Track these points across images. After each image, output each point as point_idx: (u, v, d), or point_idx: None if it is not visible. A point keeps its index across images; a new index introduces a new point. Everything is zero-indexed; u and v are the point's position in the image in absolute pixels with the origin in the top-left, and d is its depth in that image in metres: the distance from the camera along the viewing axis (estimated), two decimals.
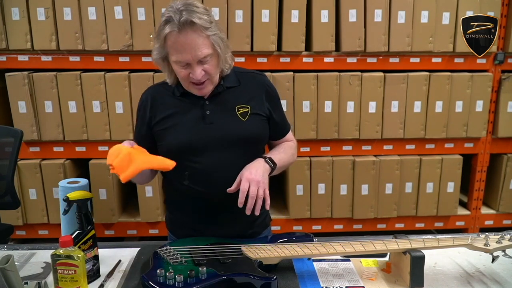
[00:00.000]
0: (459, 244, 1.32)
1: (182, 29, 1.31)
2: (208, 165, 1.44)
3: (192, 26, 1.32)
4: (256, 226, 1.60)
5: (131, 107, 2.64)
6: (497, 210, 3.00)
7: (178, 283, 1.17)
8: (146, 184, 2.70)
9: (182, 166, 1.43)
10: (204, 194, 1.47)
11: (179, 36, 1.32)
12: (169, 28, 1.32)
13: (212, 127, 1.45)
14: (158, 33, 1.37)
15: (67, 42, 2.56)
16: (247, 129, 1.46)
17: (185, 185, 1.48)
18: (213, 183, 1.45)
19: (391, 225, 2.94)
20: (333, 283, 1.30)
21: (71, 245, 1.15)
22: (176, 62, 1.37)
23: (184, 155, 1.45)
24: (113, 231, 2.84)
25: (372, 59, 2.72)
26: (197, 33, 1.33)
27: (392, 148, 2.84)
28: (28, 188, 2.68)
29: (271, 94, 1.55)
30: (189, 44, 1.33)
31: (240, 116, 1.47)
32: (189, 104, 1.47)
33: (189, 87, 1.44)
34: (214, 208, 1.50)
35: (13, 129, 2.33)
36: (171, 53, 1.37)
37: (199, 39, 1.34)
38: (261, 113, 1.51)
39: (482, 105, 2.79)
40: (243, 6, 2.56)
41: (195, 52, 1.34)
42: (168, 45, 1.36)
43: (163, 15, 1.35)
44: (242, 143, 1.47)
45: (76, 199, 1.27)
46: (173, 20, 1.31)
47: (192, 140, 1.44)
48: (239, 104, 1.48)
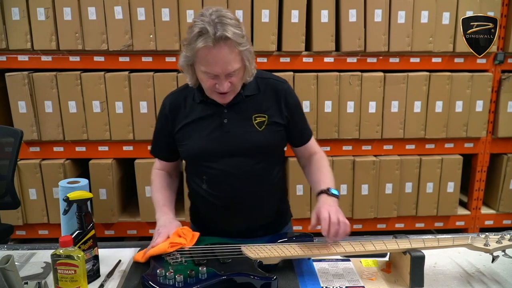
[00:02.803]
0: (459, 244, 1.32)
1: (216, 44, 1.29)
2: (224, 171, 1.47)
3: (226, 41, 1.30)
4: (275, 223, 1.62)
5: (131, 107, 2.64)
6: (497, 210, 3.00)
7: (178, 283, 1.17)
8: (147, 184, 2.72)
9: (201, 171, 1.50)
10: (221, 198, 1.51)
11: (212, 50, 1.30)
12: (203, 42, 1.29)
13: (229, 136, 1.47)
14: (190, 43, 1.34)
15: (67, 42, 2.56)
16: (262, 139, 1.47)
17: (203, 189, 1.52)
18: (229, 188, 1.49)
19: (391, 225, 2.94)
20: (333, 283, 1.29)
21: (71, 245, 1.15)
22: (204, 73, 1.37)
23: (202, 160, 1.49)
24: (113, 231, 2.84)
25: (372, 59, 2.72)
26: (231, 48, 1.31)
27: (392, 148, 2.84)
28: (28, 188, 2.68)
29: (290, 102, 1.52)
30: (221, 59, 1.32)
31: (256, 126, 1.47)
32: (209, 111, 1.48)
33: (212, 95, 1.45)
34: (232, 211, 1.52)
35: (13, 129, 2.33)
36: (200, 63, 1.35)
37: (232, 55, 1.33)
38: (278, 122, 1.50)
39: (482, 105, 2.79)
40: (243, 6, 2.56)
41: (226, 66, 1.33)
42: (199, 57, 1.34)
43: (196, 24, 1.32)
44: (257, 152, 1.49)
45: (76, 199, 1.27)
46: (207, 33, 1.28)
47: (209, 148, 1.47)
48: (256, 113, 1.48)
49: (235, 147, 1.46)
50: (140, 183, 2.73)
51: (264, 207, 1.55)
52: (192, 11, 2.54)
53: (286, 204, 1.71)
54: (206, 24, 1.28)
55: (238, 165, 1.47)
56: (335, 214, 1.31)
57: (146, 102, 2.64)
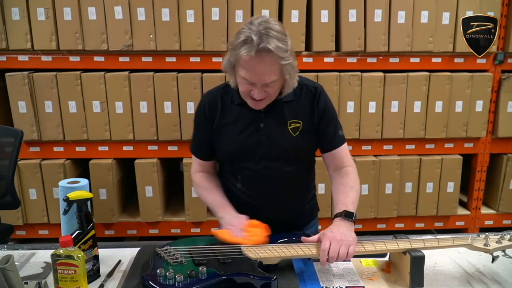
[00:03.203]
0: (459, 244, 1.32)
1: (258, 55, 1.31)
2: (259, 173, 1.53)
3: (269, 53, 1.32)
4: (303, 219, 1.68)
5: (131, 107, 2.64)
6: (497, 210, 3.00)
7: (178, 283, 1.17)
8: (147, 184, 2.72)
9: (236, 170, 1.57)
10: (254, 196, 1.58)
11: (253, 59, 1.33)
12: (246, 50, 1.32)
13: (264, 140, 1.51)
14: (234, 48, 1.36)
15: (67, 42, 2.56)
16: (295, 144, 1.52)
17: (237, 188, 1.59)
18: (263, 188, 1.56)
19: (391, 225, 2.94)
20: (333, 283, 1.30)
21: (71, 245, 1.15)
22: (242, 78, 1.39)
23: (237, 161, 1.56)
24: (113, 231, 2.84)
25: (372, 59, 2.72)
26: (272, 60, 1.33)
27: (392, 148, 2.84)
28: (28, 188, 2.68)
29: (320, 106, 1.53)
30: (260, 69, 1.34)
31: (291, 131, 1.51)
32: (246, 114, 1.51)
33: (246, 99, 1.47)
34: (264, 209, 1.57)
35: (13, 129, 2.33)
36: (240, 68, 1.38)
37: (272, 67, 1.35)
38: (312, 129, 1.53)
39: (482, 105, 2.79)
40: (243, 6, 2.56)
41: (263, 77, 1.36)
42: (240, 62, 1.36)
43: (243, 31, 1.34)
44: (290, 156, 1.54)
45: (76, 199, 1.27)
46: (251, 42, 1.31)
47: (245, 150, 1.52)
48: (292, 119, 1.51)
49: (270, 151, 1.51)
50: (140, 183, 2.73)
51: (295, 207, 1.64)
52: (193, 11, 2.54)
53: (315, 200, 1.75)
54: (252, 34, 1.31)
55: (272, 167, 1.53)
56: (337, 244, 1.28)
57: (146, 102, 2.64)
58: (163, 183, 2.86)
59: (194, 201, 2.78)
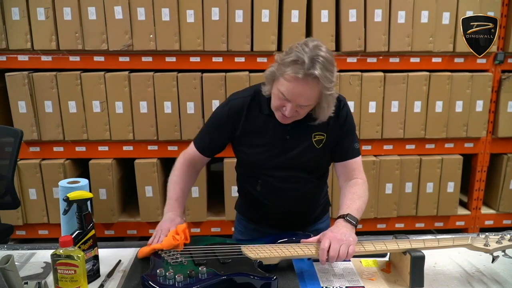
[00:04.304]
0: (459, 244, 1.32)
1: (304, 78, 1.32)
2: (280, 180, 1.56)
3: (314, 79, 1.32)
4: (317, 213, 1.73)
5: (131, 107, 2.64)
6: (497, 210, 3.00)
7: (178, 283, 1.17)
8: (147, 184, 2.72)
9: (256, 176, 1.59)
10: (272, 200, 1.60)
11: (298, 80, 1.33)
12: (294, 70, 1.32)
13: (288, 151, 1.53)
14: (282, 63, 1.35)
15: (67, 42, 2.56)
16: (318, 156, 1.55)
17: (257, 190, 1.61)
18: (282, 194, 1.59)
19: (391, 225, 2.94)
20: (333, 283, 1.30)
21: (71, 245, 1.15)
22: (279, 92, 1.39)
23: (259, 167, 1.58)
24: (113, 231, 2.84)
25: (372, 59, 2.72)
26: (314, 87, 1.34)
27: (392, 148, 2.84)
28: (28, 188, 2.68)
29: (345, 121, 1.55)
30: (301, 91, 1.35)
31: (315, 143, 1.53)
32: (273, 125, 1.51)
33: (275, 111, 1.47)
34: (282, 212, 1.61)
35: (13, 129, 2.33)
36: (282, 83, 1.37)
37: (312, 92, 1.36)
38: (333, 141, 1.55)
39: (482, 105, 2.79)
40: (243, 6, 2.56)
41: (301, 99, 1.37)
42: (285, 77, 1.36)
43: (296, 51, 1.33)
44: (312, 167, 1.59)
45: (76, 199, 1.27)
46: (302, 64, 1.31)
47: (269, 159, 1.54)
48: (316, 131, 1.52)
49: (293, 161, 1.54)
50: (140, 183, 2.73)
51: (311, 210, 1.69)
52: (192, 11, 2.54)
53: (327, 196, 1.79)
54: (305, 56, 1.31)
55: (293, 176, 1.56)
56: (337, 243, 1.28)
57: (146, 102, 2.64)
58: (163, 183, 2.86)
59: (194, 201, 2.78)
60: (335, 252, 1.27)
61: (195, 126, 2.66)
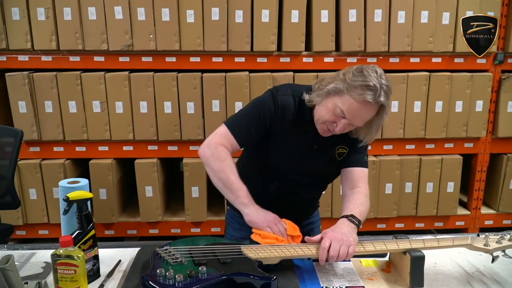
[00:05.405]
0: (459, 244, 1.32)
1: (373, 104, 1.36)
2: (296, 183, 1.61)
3: (378, 107, 1.39)
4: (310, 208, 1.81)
5: (131, 107, 2.64)
6: (497, 210, 3.00)
7: (178, 283, 1.17)
8: (147, 184, 2.72)
9: (274, 175, 1.60)
10: (282, 196, 1.63)
11: (366, 105, 1.36)
12: (366, 95, 1.34)
13: (313, 160, 1.57)
14: (352, 84, 1.36)
15: (67, 42, 2.56)
16: (337, 167, 1.61)
17: (269, 191, 1.62)
18: (294, 194, 1.64)
19: (391, 225, 2.94)
20: (333, 283, 1.30)
21: (71, 245, 1.15)
22: (338, 108, 1.39)
23: (278, 170, 1.59)
24: (113, 231, 2.84)
25: (372, 59, 2.72)
26: (374, 111, 1.40)
27: (392, 148, 2.84)
28: (28, 188, 2.68)
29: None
30: (364, 114, 1.39)
31: (337, 156, 1.58)
32: (304, 131, 1.53)
33: (320, 123, 1.47)
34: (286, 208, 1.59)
35: (13, 129, 2.33)
36: (346, 101, 1.37)
37: (370, 116, 1.41)
38: (351, 154, 1.59)
39: (482, 105, 2.79)
40: (243, 6, 2.56)
41: (357, 121, 1.41)
42: (350, 99, 1.36)
43: (370, 77, 1.34)
44: (328, 176, 1.68)
45: (76, 199, 1.27)
46: (375, 92, 1.34)
47: (292, 165, 1.57)
48: (340, 144, 1.56)
49: (314, 170, 1.59)
50: (140, 183, 2.73)
51: (310, 208, 1.79)
52: (192, 11, 2.54)
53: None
54: (378, 85, 1.34)
55: (308, 181, 1.63)
56: (338, 243, 1.29)
57: (146, 102, 2.64)
58: (163, 183, 2.86)
59: (194, 201, 2.78)
60: (335, 252, 1.27)
61: (195, 126, 2.66)
